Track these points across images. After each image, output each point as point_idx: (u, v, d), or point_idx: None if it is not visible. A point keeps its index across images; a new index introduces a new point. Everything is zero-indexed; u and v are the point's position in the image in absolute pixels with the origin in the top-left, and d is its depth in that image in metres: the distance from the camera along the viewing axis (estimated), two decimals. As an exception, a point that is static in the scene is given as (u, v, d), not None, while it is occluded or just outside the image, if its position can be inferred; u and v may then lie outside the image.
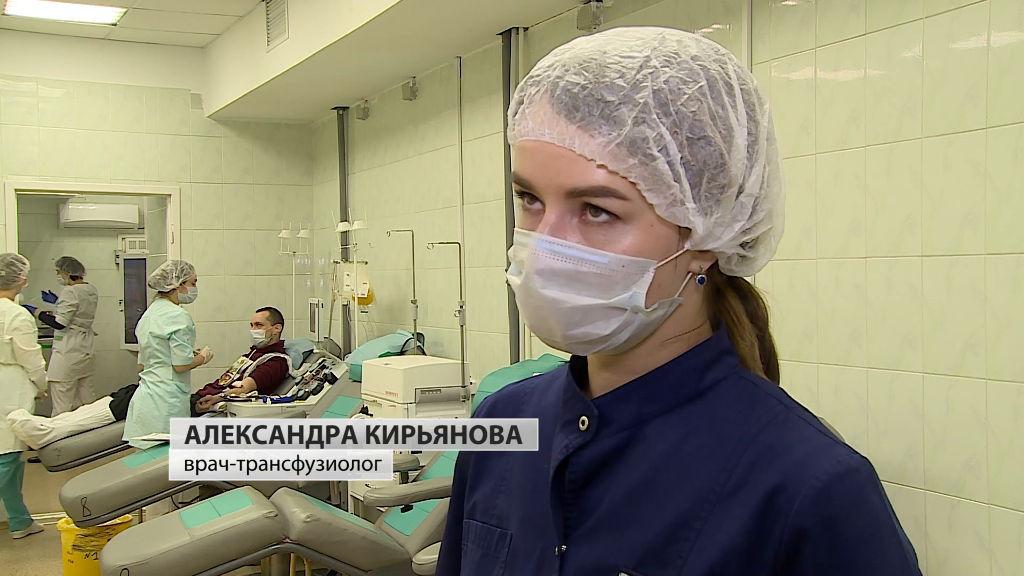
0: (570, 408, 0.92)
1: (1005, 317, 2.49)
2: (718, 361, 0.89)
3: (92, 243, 10.10)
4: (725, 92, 0.82)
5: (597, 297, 0.82)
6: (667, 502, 0.85)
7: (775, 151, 0.87)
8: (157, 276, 5.65)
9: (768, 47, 3.22)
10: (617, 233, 0.81)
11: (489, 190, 4.92)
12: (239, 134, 7.18)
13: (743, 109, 0.84)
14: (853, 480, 0.81)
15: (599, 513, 0.87)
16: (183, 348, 5.54)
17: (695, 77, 0.81)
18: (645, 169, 0.79)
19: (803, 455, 0.82)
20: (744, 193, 0.84)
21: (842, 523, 0.79)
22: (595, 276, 0.81)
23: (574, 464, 0.89)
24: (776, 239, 0.90)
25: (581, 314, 0.83)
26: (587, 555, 0.87)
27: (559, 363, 4.52)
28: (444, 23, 4.58)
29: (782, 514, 0.80)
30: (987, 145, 2.52)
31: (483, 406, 1.05)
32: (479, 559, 0.96)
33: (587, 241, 0.81)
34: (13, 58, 6.52)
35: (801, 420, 0.86)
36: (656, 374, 0.88)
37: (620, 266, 0.81)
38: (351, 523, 3.84)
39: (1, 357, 5.83)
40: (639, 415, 0.88)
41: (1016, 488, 2.48)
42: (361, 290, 5.84)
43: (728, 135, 0.82)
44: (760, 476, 0.82)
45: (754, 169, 0.84)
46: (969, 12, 2.57)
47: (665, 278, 0.84)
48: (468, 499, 1.01)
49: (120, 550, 3.62)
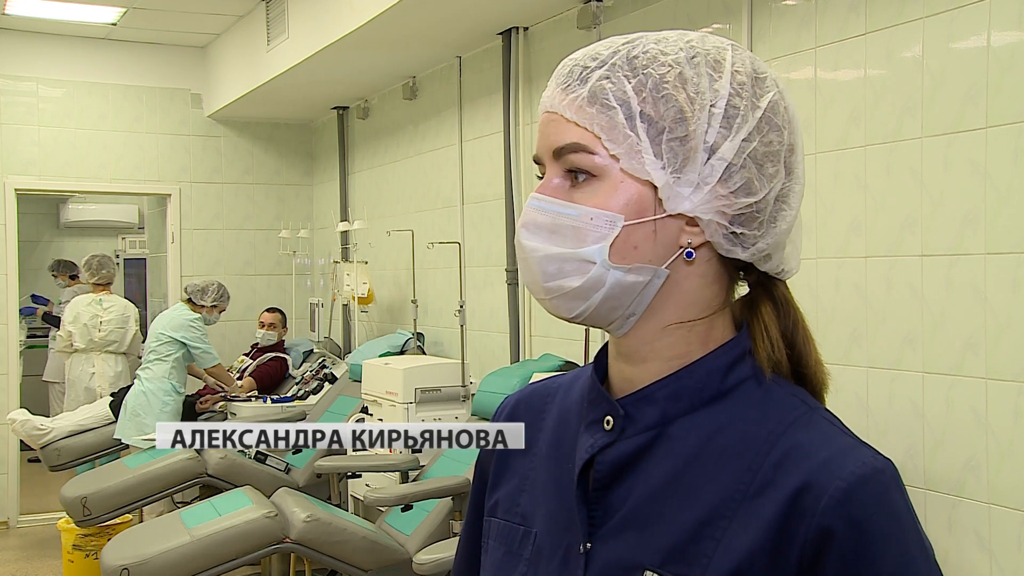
0: (595, 408, 0.93)
1: (1005, 317, 2.49)
2: (741, 361, 0.90)
3: (92, 243, 10.08)
4: (708, 66, 0.87)
5: (569, 247, 0.87)
6: (692, 501, 0.86)
7: (781, 140, 0.89)
8: (197, 287, 5.79)
9: (768, 47, 3.22)
10: (592, 190, 0.87)
11: (489, 190, 4.92)
12: (239, 134, 7.18)
13: (728, 84, 0.87)
14: (878, 481, 0.82)
15: (624, 511, 0.88)
16: (208, 351, 5.61)
17: (677, 51, 0.87)
18: (604, 119, 0.86)
19: (829, 456, 0.83)
20: (716, 157, 0.86)
21: (867, 523, 0.80)
22: (569, 228, 0.87)
23: (599, 463, 0.91)
24: (782, 224, 0.90)
25: (555, 264, 0.87)
26: (612, 553, 0.88)
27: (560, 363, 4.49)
28: (444, 23, 4.58)
29: (808, 514, 0.81)
30: (987, 145, 2.52)
31: (505, 405, 1.07)
32: (501, 556, 0.97)
33: (570, 200, 0.87)
34: (13, 58, 6.52)
35: (825, 421, 0.88)
36: (680, 374, 0.89)
37: (589, 219, 0.86)
38: (351, 523, 3.84)
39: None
40: (664, 415, 0.89)
41: (1016, 488, 2.48)
42: (361, 290, 5.84)
43: (697, 98, 0.86)
44: (786, 476, 0.83)
45: (732, 138, 0.86)
46: (969, 12, 2.57)
47: (642, 241, 0.86)
48: (489, 497, 1.02)
49: (120, 550, 3.62)
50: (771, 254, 0.91)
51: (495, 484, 1.02)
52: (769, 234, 0.89)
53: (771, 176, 0.88)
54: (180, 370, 5.63)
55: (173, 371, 5.57)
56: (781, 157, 0.89)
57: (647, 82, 0.86)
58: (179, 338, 5.56)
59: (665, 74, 0.86)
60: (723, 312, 0.92)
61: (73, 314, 6.31)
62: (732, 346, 0.90)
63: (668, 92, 0.85)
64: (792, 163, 0.91)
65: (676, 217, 0.87)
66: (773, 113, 0.89)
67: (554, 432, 0.99)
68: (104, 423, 5.86)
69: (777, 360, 0.90)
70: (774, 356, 0.90)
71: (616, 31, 4.29)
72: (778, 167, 0.89)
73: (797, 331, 0.92)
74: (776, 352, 0.90)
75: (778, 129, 0.89)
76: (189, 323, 5.62)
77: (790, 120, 0.91)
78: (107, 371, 6.32)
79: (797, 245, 0.94)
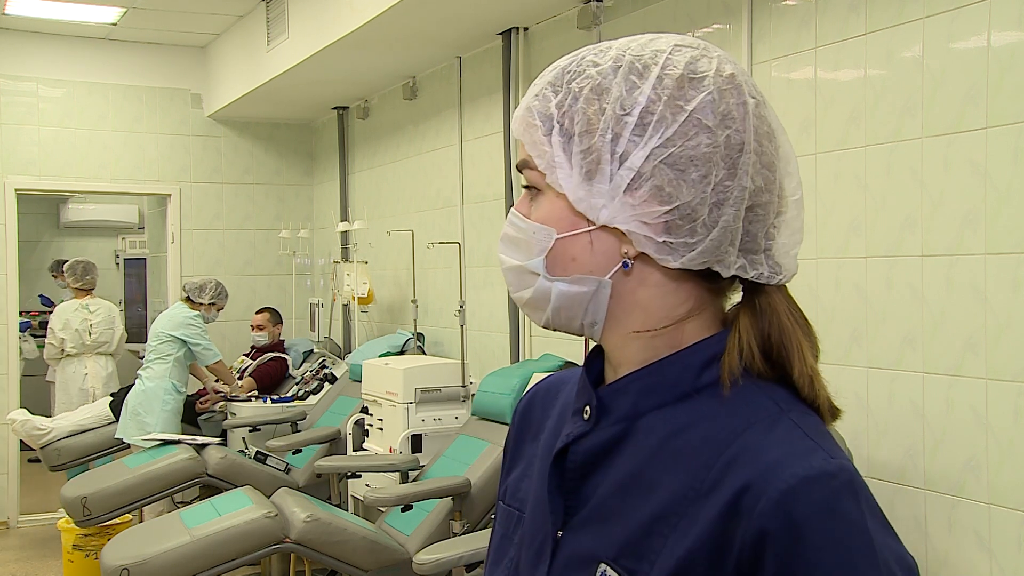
0: (579, 397, 0.95)
1: (1005, 317, 2.49)
2: (717, 360, 0.88)
3: (92, 243, 10.09)
4: (633, 73, 0.86)
5: (521, 260, 0.91)
6: (650, 496, 0.85)
7: (713, 142, 0.84)
8: (195, 285, 5.83)
9: (768, 47, 3.22)
10: (538, 204, 0.91)
11: (489, 190, 4.92)
12: (239, 134, 7.18)
13: (649, 88, 0.85)
14: (825, 484, 0.79)
15: (591, 503, 0.89)
16: (208, 348, 5.63)
17: (608, 60, 0.88)
18: (529, 135, 0.90)
19: (777, 457, 0.81)
20: (625, 166, 0.85)
21: (805, 526, 0.77)
22: (522, 242, 0.91)
23: (573, 452, 0.92)
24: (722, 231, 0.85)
25: (513, 275, 0.93)
26: (577, 543, 0.89)
27: (560, 363, 4.49)
28: (444, 23, 4.58)
29: (745, 515, 0.79)
30: (987, 145, 2.52)
31: (528, 393, 1.10)
32: (499, 540, 1.00)
33: (528, 214, 0.92)
34: (13, 58, 6.52)
35: (791, 423, 0.84)
36: (653, 368, 0.89)
37: (532, 232, 0.90)
38: (351, 523, 3.84)
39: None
40: (636, 408, 0.89)
41: (1016, 488, 2.48)
42: (361, 290, 5.84)
43: (609, 108, 0.86)
44: (732, 476, 0.81)
45: (644, 145, 0.84)
46: (969, 12, 2.57)
47: (580, 252, 0.88)
48: (503, 482, 1.05)
49: (120, 550, 3.62)
50: (725, 260, 0.86)
51: (508, 469, 1.05)
52: (705, 241, 0.85)
53: (696, 181, 0.84)
54: (181, 369, 5.64)
55: (174, 370, 5.58)
56: (714, 159, 0.85)
57: (567, 97, 0.88)
58: (179, 336, 5.58)
59: (584, 87, 0.87)
60: (698, 318, 0.89)
61: (62, 321, 6.38)
62: (710, 344, 0.89)
63: (580, 105, 0.87)
64: (738, 162, 0.85)
65: (611, 229, 0.87)
66: (703, 114, 0.85)
67: (556, 420, 1.00)
68: (104, 423, 5.87)
69: (748, 367, 0.87)
70: (742, 364, 0.87)
71: (616, 31, 4.29)
72: (708, 170, 0.84)
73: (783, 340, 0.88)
74: (747, 360, 0.87)
75: (709, 130, 0.84)
76: (188, 321, 5.65)
77: (740, 118, 0.86)
78: (99, 372, 6.42)
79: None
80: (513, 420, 1.08)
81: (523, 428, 1.05)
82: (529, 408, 1.06)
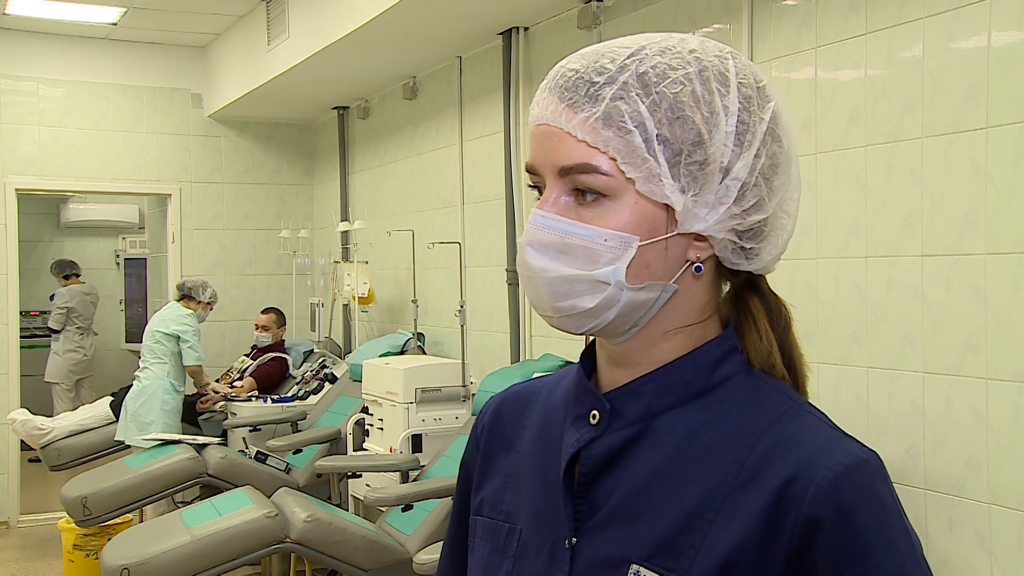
0: (581, 403, 0.93)
1: (1005, 317, 2.49)
2: (728, 357, 0.90)
3: (92, 243, 10.10)
4: (716, 80, 0.86)
5: (581, 268, 0.85)
6: (679, 494, 0.86)
7: (782, 150, 0.89)
8: (196, 283, 5.95)
9: (768, 47, 3.22)
10: (603, 210, 0.85)
11: (489, 190, 4.92)
12: (239, 134, 7.18)
13: (736, 98, 0.86)
14: (864, 471, 0.83)
15: (610, 506, 0.89)
16: (195, 348, 5.65)
17: (685, 65, 0.85)
18: (621, 142, 0.84)
19: (815, 448, 0.84)
20: (730, 177, 0.86)
21: (854, 512, 0.81)
22: (581, 249, 0.85)
23: (585, 457, 0.91)
24: (783, 235, 0.92)
25: (567, 285, 0.86)
26: (599, 547, 0.88)
27: (560, 363, 4.48)
28: (444, 23, 4.58)
29: (795, 504, 0.82)
30: (987, 145, 2.52)
31: (489, 405, 1.07)
32: (487, 554, 0.98)
33: (578, 219, 0.86)
34: (13, 58, 6.52)
35: (811, 416, 0.89)
36: (667, 369, 0.90)
37: (603, 240, 0.85)
38: (351, 523, 3.84)
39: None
40: (650, 409, 0.90)
41: (1016, 488, 2.48)
42: (361, 290, 5.84)
43: (712, 118, 0.85)
44: (772, 468, 0.84)
45: (744, 156, 0.86)
46: (969, 12, 2.57)
47: (654, 259, 0.86)
48: (475, 496, 1.03)
49: (120, 550, 3.62)
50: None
51: (480, 483, 1.03)
52: (774, 245, 0.91)
53: (777, 189, 0.89)
54: (178, 368, 5.65)
55: (171, 370, 5.59)
56: (784, 168, 0.90)
57: (661, 102, 0.84)
58: (173, 331, 5.62)
59: (679, 92, 0.84)
60: (715, 314, 0.93)
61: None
62: (720, 342, 0.91)
63: (684, 113, 0.84)
64: (792, 171, 0.91)
65: (685, 234, 0.87)
66: (775, 124, 0.89)
67: (539, 430, 0.99)
68: (104, 423, 5.87)
69: (767, 353, 0.91)
70: (763, 349, 0.90)
71: (616, 31, 4.29)
72: (783, 178, 0.90)
73: (787, 325, 0.93)
74: (766, 345, 0.91)
75: (779, 139, 0.89)
76: (183, 318, 5.76)
77: (787, 126, 0.91)
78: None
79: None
80: (477, 433, 1.06)
81: (491, 441, 1.04)
82: (495, 421, 1.04)
